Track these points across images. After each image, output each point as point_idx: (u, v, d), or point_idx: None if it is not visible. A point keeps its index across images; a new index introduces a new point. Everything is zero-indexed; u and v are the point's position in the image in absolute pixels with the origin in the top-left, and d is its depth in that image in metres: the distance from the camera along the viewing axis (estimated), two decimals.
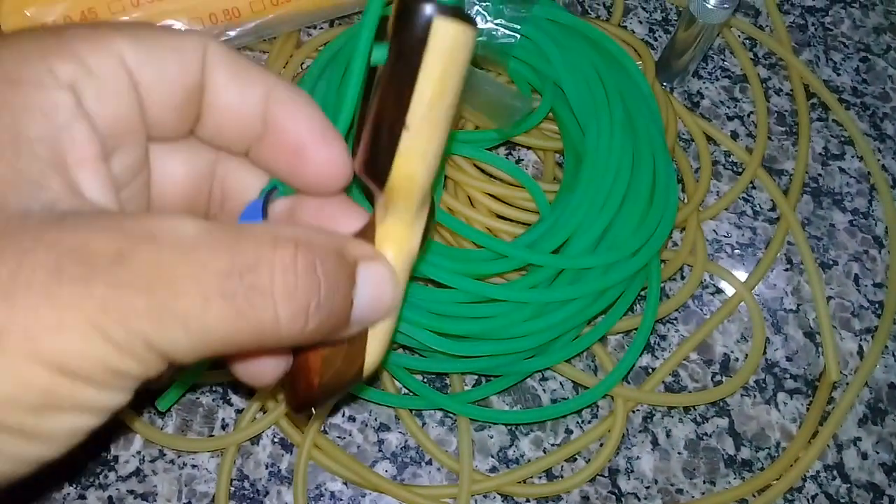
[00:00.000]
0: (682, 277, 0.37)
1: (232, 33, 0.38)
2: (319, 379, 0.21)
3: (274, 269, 0.17)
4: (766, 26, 0.43)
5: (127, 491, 0.32)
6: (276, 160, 0.21)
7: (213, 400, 0.34)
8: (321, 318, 0.18)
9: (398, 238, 0.20)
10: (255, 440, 0.33)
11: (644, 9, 0.43)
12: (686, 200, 0.38)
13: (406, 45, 0.18)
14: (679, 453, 0.34)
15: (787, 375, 0.36)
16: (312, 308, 0.17)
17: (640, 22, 0.42)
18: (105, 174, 0.18)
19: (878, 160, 0.40)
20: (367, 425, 0.34)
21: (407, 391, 0.34)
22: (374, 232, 0.20)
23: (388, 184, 0.19)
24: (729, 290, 0.37)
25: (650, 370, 0.35)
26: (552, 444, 0.34)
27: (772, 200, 0.39)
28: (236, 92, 0.20)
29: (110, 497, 0.32)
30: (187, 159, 0.22)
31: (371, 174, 0.20)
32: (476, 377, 0.35)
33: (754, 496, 0.33)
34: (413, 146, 0.19)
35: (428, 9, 0.17)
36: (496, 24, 0.35)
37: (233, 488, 0.32)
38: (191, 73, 0.19)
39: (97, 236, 0.16)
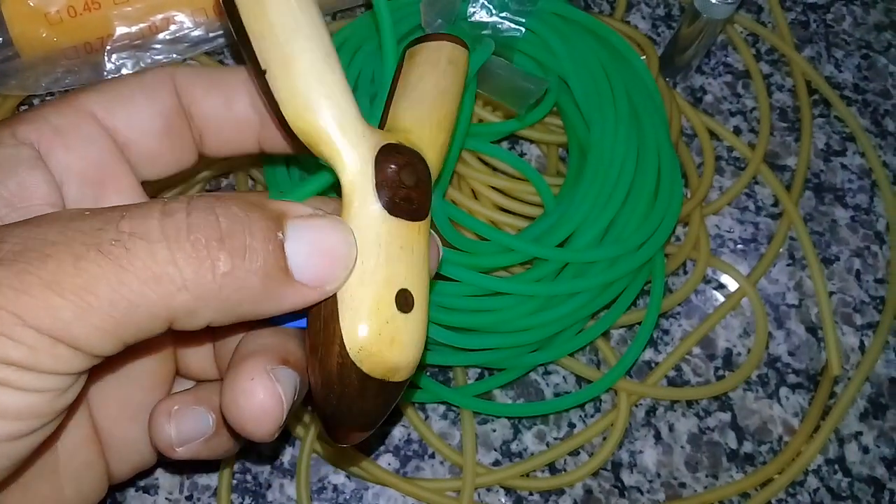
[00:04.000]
0: (685, 272, 0.37)
1: None
2: (311, 374, 0.19)
3: (162, 215, 0.16)
4: (769, 23, 0.43)
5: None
6: (281, 140, 0.21)
7: None
8: (234, 261, 0.16)
9: (345, 202, 0.18)
10: None
11: (647, 4, 0.43)
12: (689, 195, 0.38)
13: None
14: (682, 447, 0.34)
15: (790, 370, 0.36)
16: (215, 245, 0.16)
17: (643, 17, 0.42)
18: None
19: (880, 156, 0.40)
20: None
21: (410, 384, 0.34)
22: None
23: (301, 140, 0.19)
24: (732, 285, 0.37)
25: (653, 364, 0.35)
26: (555, 438, 0.34)
27: (774, 196, 0.39)
28: (218, 97, 0.21)
29: (112, 489, 0.32)
30: None
31: (288, 135, 0.19)
32: (479, 370, 0.35)
33: (756, 490, 0.34)
34: (283, 87, 0.18)
35: None
36: (501, 18, 0.35)
37: (235, 481, 0.32)
38: (162, 100, 0.20)
39: None
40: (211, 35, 0.38)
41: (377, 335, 0.18)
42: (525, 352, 0.33)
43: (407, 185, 0.19)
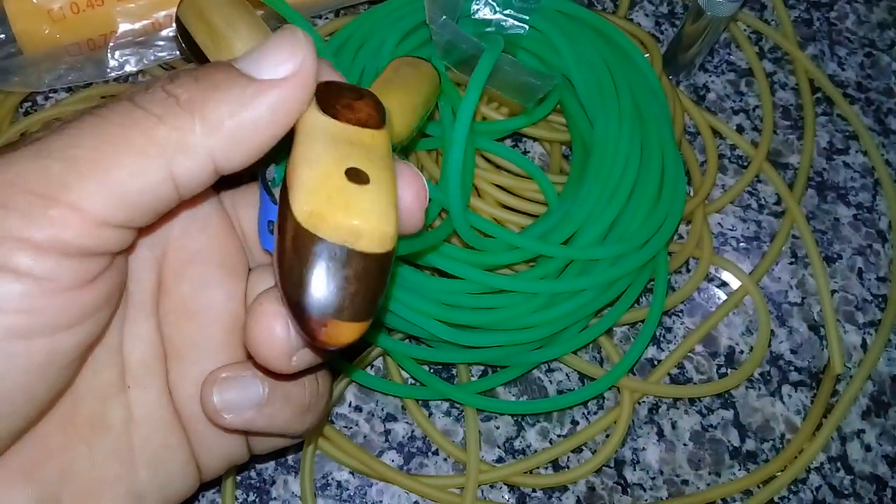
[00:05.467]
0: (688, 270, 0.37)
1: None
2: (276, 270, 0.18)
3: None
4: (772, 21, 0.43)
5: None
6: None
7: None
8: (188, 73, 0.17)
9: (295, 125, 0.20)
10: None
11: (650, 2, 0.43)
12: (692, 193, 0.38)
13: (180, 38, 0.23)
14: (684, 445, 0.34)
15: (792, 368, 0.36)
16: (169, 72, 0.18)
17: (647, 15, 0.42)
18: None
19: (883, 155, 0.40)
20: (373, 415, 0.34)
21: (414, 381, 0.34)
22: None
23: None
24: (734, 283, 0.37)
25: (656, 362, 0.35)
26: (558, 435, 0.34)
27: (777, 194, 0.39)
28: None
29: None
30: None
31: None
32: (483, 368, 0.35)
33: (759, 487, 0.34)
34: None
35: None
36: (505, 15, 0.35)
37: (239, 477, 0.32)
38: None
39: None
40: None
41: (327, 199, 0.17)
42: (528, 349, 0.33)
43: (348, 97, 0.19)
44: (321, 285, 0.17)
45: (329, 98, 0.19)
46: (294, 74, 0.18)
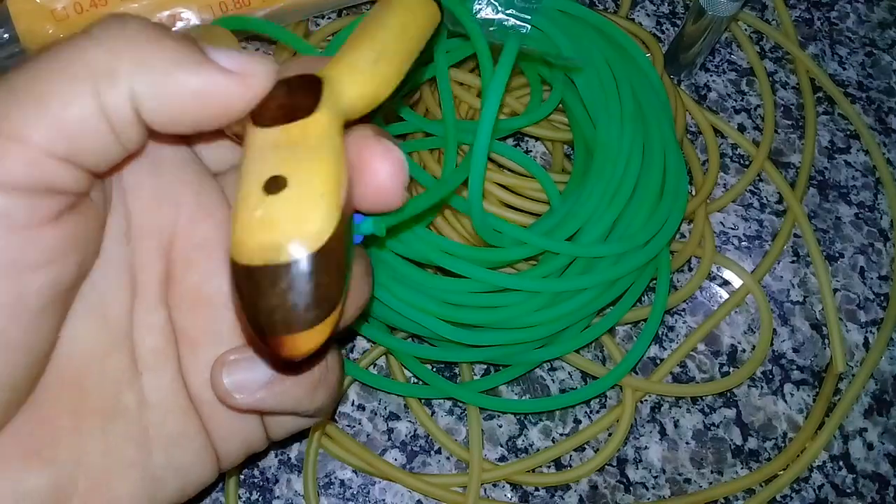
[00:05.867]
0: (690, 269, 0.37)
1: None
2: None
3: None
4: (773, 20, 0.43)
5: None
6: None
7: None
8: (143, 20, 0.17)
9: None
10: None
11: (651, 1, 0.43)
12: (694, 193, 0.38)
13: None
14: (687, 443, 0.34)
15: (794, 367, 0.36)
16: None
17: (648, 14, 0.43)
18: None
19: (884, 154, 0.40)
20: (376, 414, 0.34)
21: (416, 380, 0.34)
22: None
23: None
24: (736, 282, 0.37)
25: (658, 361, 0.35)
26: (561, 434, 0.34)
27: (778, 193, 0.39)
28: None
29: None
30: None
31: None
32: (485, 366, 0.35)
33: (761, 486, 0.34)
34: None
35: None
36: (507, 15, 0.35)
37: (242, 476, 0.32)
38: None
39: None
40: None
41: (246, 222, 0.17)
42: (531, 348, 0.33)
43: (276, 94, 0.18)
44: (258, 310, 0.17)
45: (259, 107, 0.18)
46: (243, 74, 0.17)
